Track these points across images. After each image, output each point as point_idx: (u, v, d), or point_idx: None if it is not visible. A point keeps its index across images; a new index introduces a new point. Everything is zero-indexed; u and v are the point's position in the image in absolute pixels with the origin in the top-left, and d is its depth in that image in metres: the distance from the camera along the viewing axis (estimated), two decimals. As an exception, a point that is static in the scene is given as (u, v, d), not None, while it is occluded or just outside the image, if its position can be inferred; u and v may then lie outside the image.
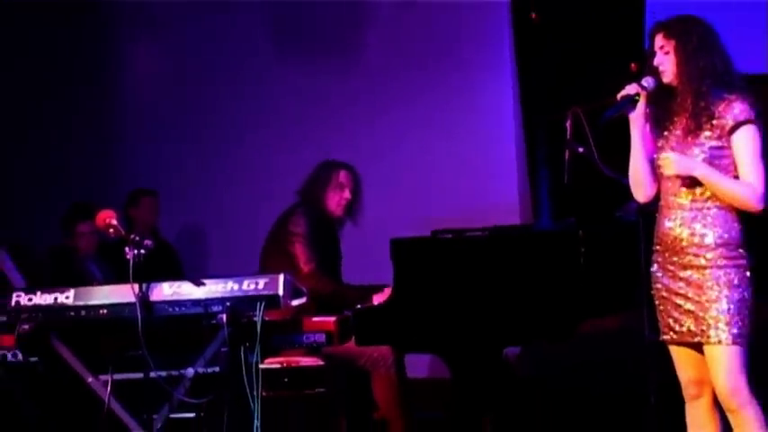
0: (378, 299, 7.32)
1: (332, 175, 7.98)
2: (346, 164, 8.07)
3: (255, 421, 6.57)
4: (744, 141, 5.71)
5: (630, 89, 5.84)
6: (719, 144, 5.73)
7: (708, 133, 5.75)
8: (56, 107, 10.63)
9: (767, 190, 5.71)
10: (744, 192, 5.70)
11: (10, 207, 9.17)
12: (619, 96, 5.87)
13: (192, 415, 6.83)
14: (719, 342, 5.69)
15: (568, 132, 7.08)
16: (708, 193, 5.76)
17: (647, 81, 5.84)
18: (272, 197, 8.13)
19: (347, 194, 7.96)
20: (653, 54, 5.87)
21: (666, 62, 5.82)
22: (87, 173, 10.49)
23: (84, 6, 10.79)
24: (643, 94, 5.84)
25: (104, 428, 6.78)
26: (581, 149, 7.06)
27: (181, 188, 10.37)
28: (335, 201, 7.93)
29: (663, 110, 5.89)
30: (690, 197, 5.81)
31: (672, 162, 5.77)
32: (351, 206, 8.00)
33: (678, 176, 5.80)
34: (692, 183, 5.78)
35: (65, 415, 7.60)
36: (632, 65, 6.24)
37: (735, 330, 5.68)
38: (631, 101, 5.85)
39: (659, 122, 5.93)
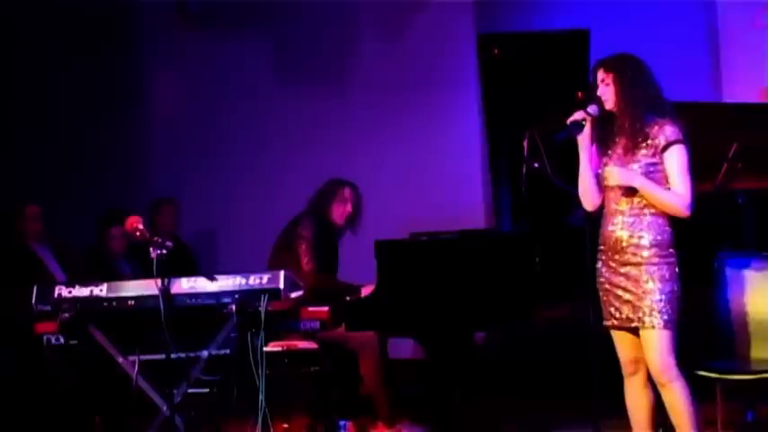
0: (364, 291, 7.35)
1: (338, 190, 8.04)
2: (351, 182, 8.11)
3: (260, 395, 6.60)
4: (674, 158, 5.79)
5: (577, 115, 5.92)
6: (654, 161, 5.81)
7: (644, 151, 5.82)
8: (93, 127, 10.59)
9: (693, 199, 5.78)
10: (675, 200, 5.78)
11: (53, 211, 9.13)
12: (568, 121, 5.94)
13: (206, 390, 6.83)
14: (653, 327, 5.77)
15: (525, 150, 7.11)
16: (644, 202, 5.83)
17: (592, 108, 5.91)
18: (275, 205, 8.18)
19: (349, 208, 8.01)
20: (596, 86, 5.96)
21: (607, 92, 5.91)
22: (119, 183, 10.47)
23: (117, 40, 10.78)
24: (588, 119, 5.91)
25: (133, 401, 6.83)
26: (536, 165, 7.09)
27: (197, 197, 10.35)
28: (339, 212, 7.98)
29: (606, 132, 5.95)
30: (629, 205, 5.87)
31: (614, 174, 5.85)
32: (352, 218, 8.05)
33: (619, 187, 5.87)
34: (630, 193, 5.85)
35: (99, 390, 7.62)
36: (579, 93, 6.28)
37: (665, 317, 5.76)
38: (578, 125, 5.92)
39: (603, 143, 5.99)
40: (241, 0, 10.75)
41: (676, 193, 5.78)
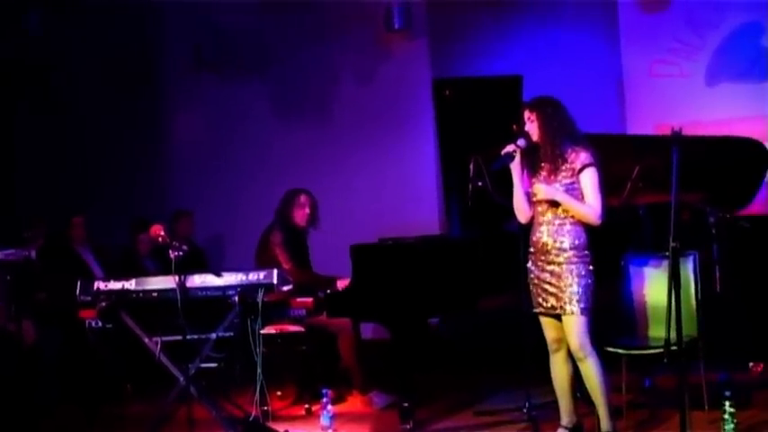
0: (341, 283, 7.30)
1: (294, 198, 7.92)
2: (304, 189, 7.99)
3: (258, 369, 6.57)
4: (588, 178, 5.78)
5: (509, 148, 5.89)
6: (572, 181, 5.80)
7: (564, 174, 5.81)
8: (125, 152, 10.59)
9: (604, 211, 5.76)
10: (589, 211, 5.77)
11: (94, 220, 9.11)
12: (501, 153, 5.89)
13: (214, 365, 6.79)
14: (572, 313, 5.78)
15: (471, 171, 7.12)
16: (564, 214, 5.83)
17: (520, 141, 5.89)
18: (270, 214, 8.06)
19: (307, 210, 7.89)
20: (524, 122, 5.94)
21: (533, 128, 5.89)
22: (146, 197, 10.44)
23: (145, 81, 10.78)
24: (518, 150, 5.88)
25: (156, 373, 6.80)
26: (480, 183, 7.09)
27: (209, 209, 10.33)
28: (300, 216, 7.87)
29: (533, 159, 5.93)
30: (552, 216, 5.87)
31: (541, 190, 5.86)
32: (312, 219, 7.96)
33: (545, 201, 5.85)
34: (554, 206, 5.83)
35: (130, 363, 7.68)
36: (514, 126, 6.24)
37: (582, 305, 5.77)
38: (510, 156, 5.90)
39: (531, 168, 5.98)
40: (245, 50, 10.74)
41: (590, 206, 5.78)
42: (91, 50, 10.27)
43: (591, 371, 5.79)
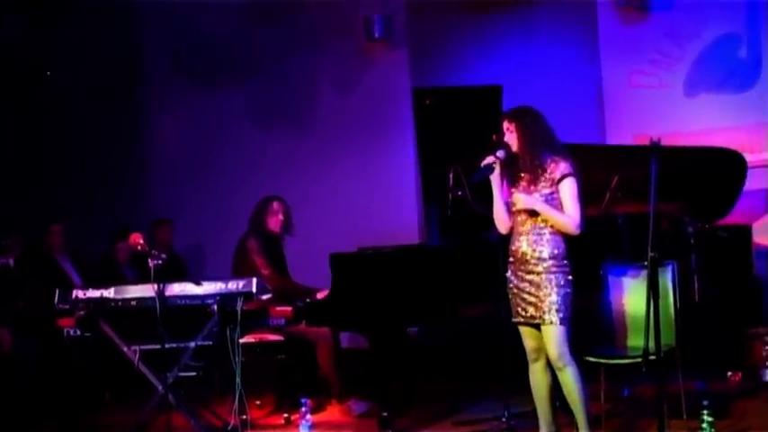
0: (320, 294, 7.29)
1: (267, 205, 7.90)
2: (277, 196, 7.99)
3: (237, 377, 6.57)
4: (567, 188, 5.77)
5: (489, 159, 5.87)
6: (551, 191, 5.79)
7: (543, 184, 5.80)
8: (104, 159, 10.57)
9: (582, 221, 5.77)
10: (567, 221, 5.76)
11: (71, 226, 9.09)
12: (482, 164, 5.88)
13: (193, 374, 6.79)
14: (552, 323, 5.75)
15: (450, 181, 7.13)
16: (544, 223, 5.81)
17: (500, 153, 5.86)
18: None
19: (281, 217, 7.89)
20: (503, 133, 5.93)
21: (512, 139, 5.87)
22: (125, 205, 10.41)
23: (125, 89, 10.76)
24: (498, 162, 5.86)
25: (134, 381, 6.79)
26: (459, 193, 7.10)
27: (189, 217, 10.31)
28: (273, 222, 7.85)
29: (513, 170, 5.91)
30: (532, 225, 5.85)
31: (521, 199, 5.84)
32: (285, 225, 7.94)
33: (525, 211, 5.84)
34: (533, 216, 5.82)
35: (108, 372, 7.64)
36: (494, 136, 6.24)
37: (561, 315, 5.75)
38: (490, 167, 5.87)
39: (511, 178, 5.96)
40: (226, 58, 10.74)
41: (569, 215, 5.76)
42: (71, 56, 10.24)
43: (570, 380, 5.79)
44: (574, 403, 5.84)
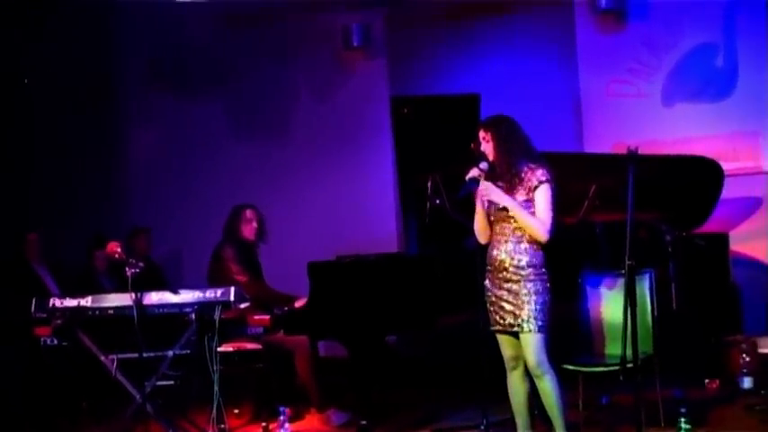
0: (298, 303, 7.27)
1: (240, 213, 7.88)
2: (250, 204, 7.97)
3: (215, 386, 6.55)
4: (542, 195, 5.74)
5: (473, 172, 5.81)
6: (527, 198, 5.76)
7: (520, 192, 5.78)
8: (82, 168, 10.51)
9: (553, 228, 5.74)
10: (538, 225, 5.73)
11: (49, 235, 9.06)
12: (467, 178, 5.81)
13: (171, 383, 6.77)
14: (530, 331, 5.73)
15: (429, 189, 7.14)
16: (521, 231, 5.80)
17: (483, 165, 5.82)
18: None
19: (254, 224, 7.86)
20: (479, 142, 5.91)
21: (488, 148, 5.85)
22: (103, 214, 10.37)
23: (103, 97, 10.71)
24: (482, 174, 5.84)
25: (112, 391, 6.77)
26: (437, 201, 7.11)
27: (167, 225, 10.27)
28: (247, 230, 7.82)
29: (491, 178, 5.87)
30: (510, 234, 5.83)
31: (489, 190, 5.79)
32: (259, 232, 7.91)
33: (504, 219, 5.82)
34: (512, 224, 5.81)
35: (86, 381, 7.58)
36: (472, 145, 6.22)
37: (539, 323, 5.73)
38: (475, 180, 5.79)
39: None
40: (201, 67, 10.74)
41: (540, 220, 5.73)
42: (47, 64, 10.20)
43: (548, 388, 5.78)
44: (552, 411, 5.83)
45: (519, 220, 5.78)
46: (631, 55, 9.77)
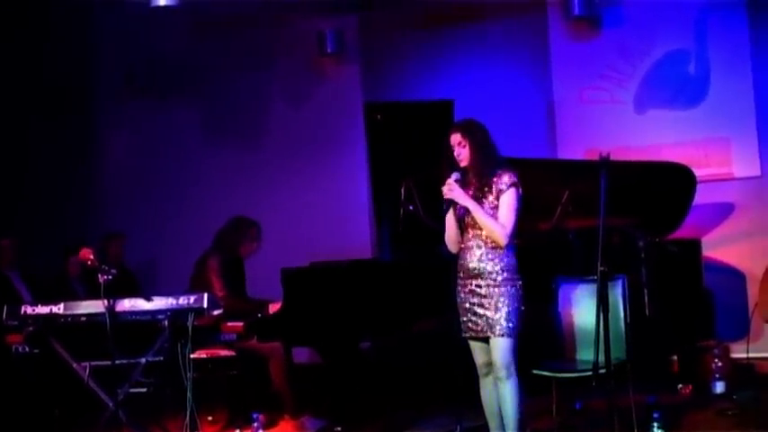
0: (272, 308, 7.27)
1: (247, 230, 7.83)
2: (256, 222, 7.92)
3: (188, 393, 6.52)
4: (507, 198, 5.74)
5: (449, 189, 5.75)
6: (496, 204, 5.76)
7: (489, 198, 5.77)
8: (56, 174, 10.48)
9: (513, 233, 5.74)
10: (498, 229, 5.73)
11: (23, 241, 9.01)
12: (445, 197, 5.76)
13: (144, 390, 6.75)
14: (501, 335, 5.72)
15: (402, 196, 7.14)
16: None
17: (455, 176, 5.80)
18: (203, 237, 8.02)
19: (256, 246, 7.87)
20: (451, 147, 5.87)
21: (463, 152, 5.83)
22: (77, 220, 10.33)
23: (77, 104, 10.69)
24: (458, 184, 5.79)
25: (84, 398, 6.73)
26: (411, 207, 7.12)
27: (141, 231, 10.24)
28: (248, 249, 7.81)
29: (462, 185, 5.84)
30: (482, 241, 5.82)
31: (452, 190, 5.76)
32: (256, 252, 7.94)
33: (475, 225, 5.81)
34: (483, 231, 5.80)
35: (58, 389, 7.51)
36: (444, 156, 6.17)
37: (509, 327, 5.72)
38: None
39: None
40: (175, 74, 10.73)
41: (501, 224, 5.73)
42: (22, 72, 10.15)
43: (509, 393, 5.76)
44: (507, 416, 5.80)
45: (480, 222, 5.77)
46: (604, 62, 9.79)
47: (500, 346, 5.75)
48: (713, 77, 9.39)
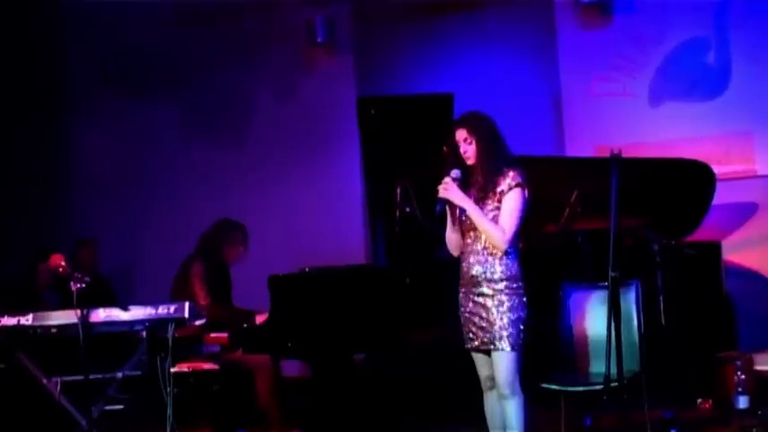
0: (259, 319, 7.27)
1: (231, 234, 7.86)
2: (242, 225, 7.94)
3: (168, 409, 6.52)
4: (510, 199, 5.67)
5: (447, 189, 5.71)
6: (499, 205, 5.70)
7: (492, 199, 5.70)
8: (26, 177, 10.47)
9: (513, 237, 5.69)
10: (497, 233, 5.66)
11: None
12: (440, 195, 5.71)
13: (121, 407, 6.76)
14: (503, 349, 5.68)
15: (398, 197, 7.15)
16: (494, 243, 5.80)
17: (455, 173, 5.74)
18: (183, 242, 8.04)
19: (242, 250, 7.89)
20: (456, 144, 5.80)
21: (470, 150, 5.75)
22: (47, 225, 10.34)
23: (48, 101, 10.68)
24: (457, 183, 5.75)
25: (55, 417, 6.73)
26: (408, 209, 7.13)
27: (115, 236, 10.25)
28: (234, 254, 7.82)
29: (464, 186, 5.81)
30: (483, 247, 5.78)
31: (450, 191, 5.72)
32: (243, 257, 7.95)
33: (475, 229, 5.79)
34: (482, 235, 5.80)
35: (26, 407, 7.51)
36: (445, 148, 6.19)
37: (512, 341, 5.67)
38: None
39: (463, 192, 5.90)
40: (155, 68, 10.73)
41: (501, 228, 5.67)
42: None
43: (514, 411, 5.73)
44: (512, 433, 5.83)
45: (477, 224, 5.73)
46: (616, 50, 9.81)
47: (502, 361, 5.72)
48: (734, 67, 9.41)
